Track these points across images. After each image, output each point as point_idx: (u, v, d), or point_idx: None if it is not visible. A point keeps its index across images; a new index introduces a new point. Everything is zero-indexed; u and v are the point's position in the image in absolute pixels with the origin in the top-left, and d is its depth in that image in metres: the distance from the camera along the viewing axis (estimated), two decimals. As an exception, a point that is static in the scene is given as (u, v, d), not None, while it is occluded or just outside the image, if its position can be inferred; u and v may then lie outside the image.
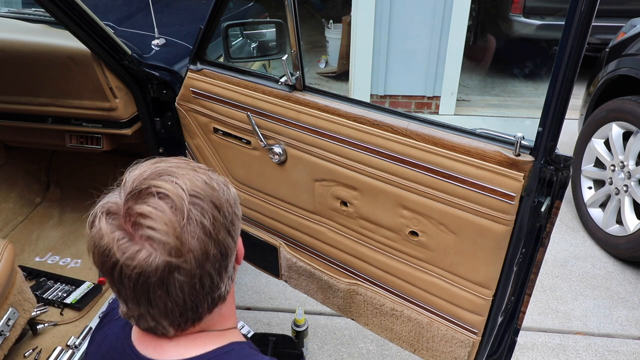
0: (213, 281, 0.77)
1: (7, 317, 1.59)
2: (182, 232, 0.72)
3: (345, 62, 5.06)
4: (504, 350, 1.48)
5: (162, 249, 0.71)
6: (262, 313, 2.47)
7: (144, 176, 0.75)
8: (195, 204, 0.74)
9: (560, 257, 2.87)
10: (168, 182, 0.73)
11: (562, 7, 4.60)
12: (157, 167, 0.77)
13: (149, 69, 1.85)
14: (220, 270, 0.78)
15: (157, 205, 0.71)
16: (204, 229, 0.74)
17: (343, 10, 5.71)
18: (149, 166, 0.78)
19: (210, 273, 0.76)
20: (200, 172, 0.79)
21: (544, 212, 1.18)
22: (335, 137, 1.41)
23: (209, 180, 0.79)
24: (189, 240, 0.72)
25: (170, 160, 0.81)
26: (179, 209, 0.72)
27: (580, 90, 3.19)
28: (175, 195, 0.72)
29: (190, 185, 0.75)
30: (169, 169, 0.77)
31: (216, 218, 0.76)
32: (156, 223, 0.70)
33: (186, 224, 0.72)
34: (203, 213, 0.74)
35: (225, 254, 0.78)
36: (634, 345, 2.33)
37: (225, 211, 0.79)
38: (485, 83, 5.41)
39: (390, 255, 1.50)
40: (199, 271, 0.75)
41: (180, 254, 0.72)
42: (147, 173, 0.76)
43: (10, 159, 2.56)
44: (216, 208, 0.76)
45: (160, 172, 0.76)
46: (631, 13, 4.16)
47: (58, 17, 1.56)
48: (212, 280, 0.77)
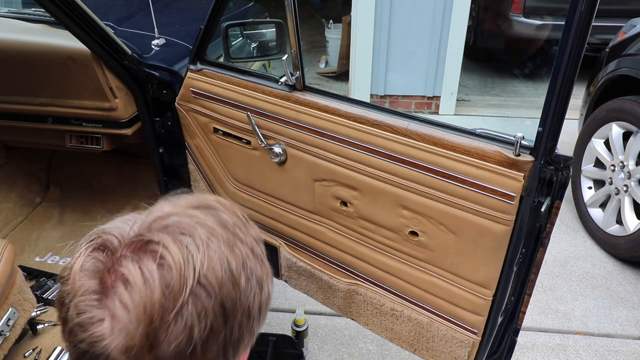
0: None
1: (7, 317, 1.59)
2: (159, 329, 0.50)
3: (345, 62, 5.06)
4: (504, 350, 1.48)
5: (122, 339, 0.50)
6: (262, 313, 2.47)
7: (163, 223, 0.56)
8: (198, 296, 0.52)
9: (560, 257, 2.87)
10: (181, 249, 0.53)
11: (562, 7, 4.59)
12: (188, 213, 0.57)
13: (149, 69, 1.85)
14: None
15: (149, 276, 0.51)
16: (190, 337, 0.51)
17: (343, 10, 5.71)
18: (182, 207, 0.58)
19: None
20: (235, 253, 0.56)
21: (544, 212, 1.18)
22: (335, 137, 1.41)
23: (239, 269, 0.55)
24: (162, 344, 0.50)
25: (215, 209, 0.59)
26: (172, 295, 0.51)
27: (580, 90, 3.19)
28: (178, 272, 0.51)
29: (207, 266, 0.53)
30: (197, 228, 0.55)
31: (215, 329, 0.53)
32: (132, 302, 0.50)
33: (172, 322, 0.50)
34: (201, 315, 0.52)
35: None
36: (634, 345, 2.33)
37: (236, 323, 0.55)
38: (485, 83, 5.41)
39: (390, 255, 1.50)
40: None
41: (139, 357, 0.50)
42: (170, 220, 0.56)
43: (10, 159, 2.56)
44: (223, 315, 0.54)
45: (184, 226, 0.55)
46: (631, 13, 4.16)
47: (58, 17, 1.56)
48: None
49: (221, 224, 0.58)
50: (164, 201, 0.60)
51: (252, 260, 0.58)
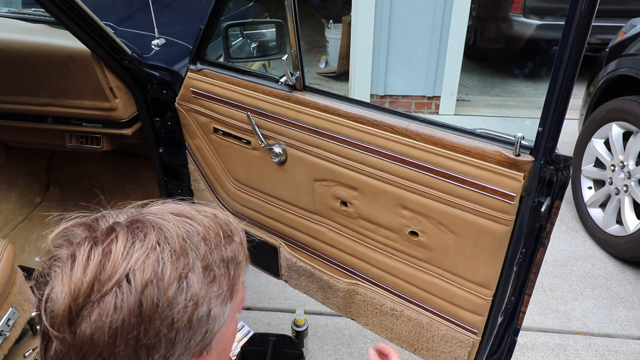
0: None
1: (7, 317, 1.59)
2: (82, 308, 0.54)
3: (345, 62, 5.06)
4: (504, 350, 1.48)
5: (51, 309, 0.54)
6: (262, 313, 2.47)
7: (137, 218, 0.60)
8: (121, 289, 0.54)
9: (560, 257, 2.87)
10: (126, 242, 0.56)
11: (562, 7, 4.59)
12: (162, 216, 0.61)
13: (149, 69, 1.85)
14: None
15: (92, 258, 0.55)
16: (103, 325, 0.53)
17: (343, 10, 5.71)
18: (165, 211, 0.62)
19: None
20: (179, 263, 0.57)
21: (544, 212, 1.17)
22: (335, 137, 1.41)
23: (172, 278, 0.56)
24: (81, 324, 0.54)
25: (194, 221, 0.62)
26: (101, 280, 0.54)
27: (580, 90, 3.19)
28: (114, 262, 0.55)
29: (140, 264, 0.55)
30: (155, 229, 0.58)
31: (125, 326, 0.54)
32: (69, 277, 0.54)
33: (93, 303, 0.54)
34: (117, 307, 0.54)
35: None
36: (634, 345, 2.33)
37: (152, 328, 0.55)
38: (485, 83, 5.41)
39: (390, 255, 1.50)
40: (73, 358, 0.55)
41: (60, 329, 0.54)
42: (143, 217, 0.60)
43: (10, 159, 2.56)
44: (139, 315, 0.54)
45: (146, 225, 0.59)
46: (631, 13, 4.16)
47: (58, 17, 1.56)
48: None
49: (186, 234, 0.59)
50: (162, 201, 0.64)
51: (197, 276, 0.58)
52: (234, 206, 1.88)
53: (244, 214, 1.87)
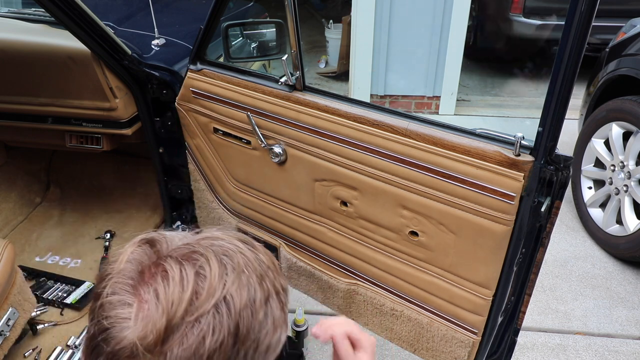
0: None
1: (7, 317, 1.59)
2: (178, 328, 0.53)
3: (345, 62, 5.06)
4: (504, 350, 1.48)
5: (142, 325, 0.52)
6: (262, 313, 2.47)
7: (211, 242, 0.60)
8: (220, 312, 0.54)
9: (560, 257, 2.87)
10: (220, 266, 0.56)
11: (562, 7, 4.59)
12: (233, 242, 0.61)
13: (149, 69, 1.85)
14: None
15: (186, 277, 0.54)
16: (199, 346, 0.53)
17: (343, 10, 5.71)
18: (229, 236, 0.62)
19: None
20: (263, 287, 0.59)
21: (544, 212, 1.18)
22: (335, 137, 1.41)
23: (261, 302, 0.58)
24: (174, 343, 0.52)
25: (257, 249, 0.63)
26: (199, 301, 0.53)
27: (580, 90, 3.19)
28: (211, 285, 0.55)
29: (235, 288, 0.56)
30: (237, 254, 0.59)
31: (223, 347, 0.54)
32: (165, 294, 0.53)
33: (190, 324, 0.53)
34: (215, 329, 0.53)
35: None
36: (634, 345, 2.33)
37: (243, 350, 0.56)
38: (485, 83, 5.41)
39: (390, 255, 1.50)
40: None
41: (152, 348, 0.52)
42: (217, 242, 0.60)
43: (10, 159, 2.56)
44: (235, 337, 0.55)
45: (228, 250, 0.59)
46: (631, 13, 4.16)
47: (58, 17, 1.56)
48: None
49: (257, 260, 0.61)
50: (213, 227, 0.64)
51: (275, 302, 0.61)
52: (234, 206, 1.88)
53: (244, 214, 1.87)
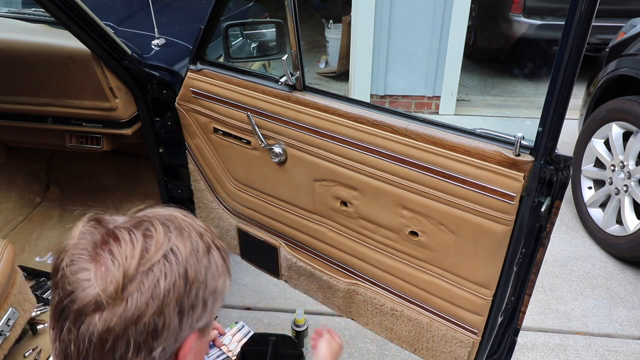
0: (126, 353, 0.64)
1: (7, 317, 1.59)
2: (134, 277, 0.63)
3: (345, 62, 5.06)
4: (504, 350, 1.48)
5: (102, 280, 0.62)
6: (262, 313, 2.47)
7: (160, 213, 0.71)
8: (169, 260, 0.66)
9: (560, 257, 2.87)
10: (163, 227, 0.68)
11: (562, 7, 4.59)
12: (174, 214, 0.72)
13: (149, 69, 1.85)
14: (141, 347, 0.64)
15: (135, 238, 0.65)
16: (156, 289, 0.64)
17: (343, 10, 5.71)
18: (172, 211, 0.73)
19: (129, 341, 0.63)
20: (204, 241, 0.72)
21: (544, 212, 1.17)
22: (335, 137, 1.41)
23: (204, 251, 0.71)
24: (133, 290, 0.63)
25: (195, 219, 0.75)
26: (149, 254, 0.65)
27: (580, 90, 3.19)
28: (157, 241, 0.66)
29: (178, 243, 0.68)
30: (181, 221, 0.71)
31: (176, 288, 0.66)
32: (119, 252, 0.64)
33: (144, 273, 0.64)
34: (167, 273, 0.65)
35: (160, 332, 0.65)
36: (634, 345, 2.33)
37: (194, 290, 0.68)
38: (485, 83, 5.41)
39: (390, 255, 1.50)
40: (118, 329, 0.63)
41: (113, 295, 0.62)
42: (161, 213, 0.71)
43: (10, 159, 2.56)
44: (185, 278, 0.67)
45: (172, 218, 0.71)
46: (631, 13, 4.16)
47: (58, 17, 1.56)
48: (126, 351, 0.64)
49: (196, 224, 0.74)
50: (157, 207, 0.75)
51: (216, 252, 0.73)
52: (234, 206, 1.88)
53: (244, 214, 1.87)
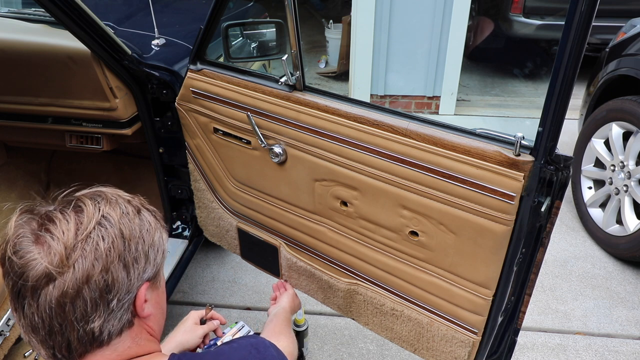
0: (86, 310, 0.73)
1: (7, 317, 1.59)
2: (74, 246, 0.72)
3: (345, 62, 5.06)
4: (504, 350, 1.48)
5: (47, 255, 0.71)
6: (262, 313, 2.47)
7: (86, 192, 0.80)
8: (103, 225, 0.75)
9: (560, 257, 2.87)
10: (92, 201, 0.76)
11: (562, 7, 4.59)
12: (103, 190, 0.81)
13: (149, 69, 1.85)
14: (97, 302, 0.74)
15: (67, 215, 0.74)
16: (97, 251, 0.73)
17: (343, 10, 5.71)
18: (97, 188, 0.82)
19: (85, 300, 0.72)
20: (132, 205, 0.81)
21: (544, 212, 1.17)
22: (335, 137, 1.41)
23: (134, 213, 0.80)
24: (77, 257, 0.71)
25: (121, 191, 0.84)
26: (83, 225, 0.73)
27: (580, 90, 3.19)
28: (89, 213, 0.75)
29: (109, 210, 0.77)
30: (107, 194, 0.80)
31: (116, 247, 0.75)
32: (56, 229, 0.72)
33: (82, 240, 0.72)
34: (104, 237, 0.74)
35: (111, 287, 0.74)
36: (634, 345, 2.33)
37: (133, 245, 0.77)
38: (485, 83, 5.42)
39: (391, 255, 1.50)
40: (72, 292, 0.71)
41: (60, 265, 0.71)
42: (87, 191, 0.80)
43: (10, 159, 2.56)
44: (122, 238, 0.76)
45: (99, 193, 0.79)
46: (631, 13, 4.16)
47: (58, 17, 1.56)
48: (85, 309, 0.73)
49: (123, 194, 0.83)
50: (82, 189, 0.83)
51: (146, 213, 0.83)
52: (234, 206, 1.88)
53: (244, 213, 1.87)
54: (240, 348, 0.92)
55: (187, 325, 1.34)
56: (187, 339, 1.30)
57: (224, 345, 0.95)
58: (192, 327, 1.33)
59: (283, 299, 1.63)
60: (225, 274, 2.71)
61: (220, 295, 2.58)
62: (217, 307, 2.51)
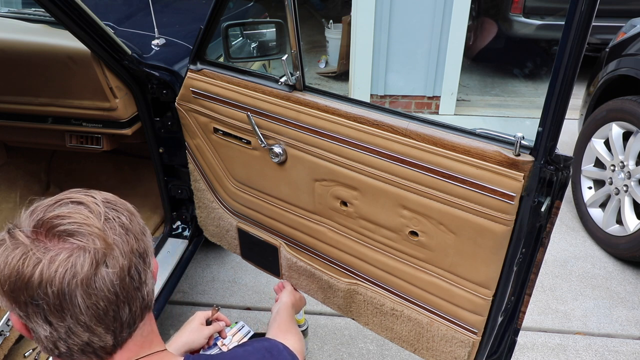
0: (140, 275, 0.78)
1: (7, 317, 1.59)
2: (103, 227, 0.73)
3: (345, 62, 5.06)
4: (504, 350, 1.48)
5: (86, 243, 0.71)
6: (262, 313, 2.47)
7: (57, 198, 0.77)
8: (110, 207, 0.77)
9: (560, 257, 2.87)
10: (81, 194, 0.77)
11: (562, 7, 4.60)
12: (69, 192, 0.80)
13: (149, 69, 1.85)
14: (145, 267, 0.79)
15: (73, 208, 0.74)
16: (123, 225, 0.76)
17: (343, 10, 5.71)
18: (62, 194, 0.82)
19: (137, 266, 0.77)
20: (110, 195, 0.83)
21: (544, 212, 1.18)
22: (335, 137, 1.41)
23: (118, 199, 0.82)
24: (111, 234, 0.74)
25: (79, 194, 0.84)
26: (95, 211, 0.75)
27: (580, 90, 3.19)
28: (89, 201, 0.75)
29: (102, 196, 0.79)
30: (81, 191, 0.80)
31: (132, 219, 0.79)
32: (76, 220, 0.72)
33: (105, 222, 0.74)
34: (119, 214, 0.77)
35: (145, 253, 0.79)
36: (634, 345, 2.33)
37: (137, 221, 0.81)
38: (485, 83, 5.42)
39: (390, 255, 1.50)
40: (126, 262, 0.75)
41: (106, 244, 0.72)
42: (60, 196, 0.78)
43: (10, 159, 2.56)
44: (130, 213, 0.80)
45: (72, 191, 0.79)
46: (631, 13, 4.16)
47: (58, 17, 1.56)
48: (140, 274, 0.77)
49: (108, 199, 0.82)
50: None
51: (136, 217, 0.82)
52: (234, 206, 1.88)
53: (244, 214, 1.87)
54: (255, 352, 0.93)
55: (193, 325, 1.35)
56: (193, 339, 1.31)
57: (238, 348, 0.95)
58: (198, 328, 1.34)
59: (283, 295, 1.64)
60: (225, 274, 2.71)
61: (220, 295, 2.58)
62: (217, 307, 2.51)
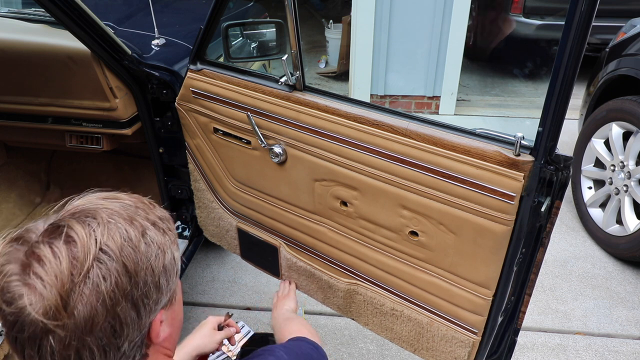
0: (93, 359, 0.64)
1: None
2: (71, 291, 0.61)
3: (345, 62, 5.06)
4: (504, 350, 1.48)
5: (40, 304, 0.60)
6: (262, 313, 2.47)
7: (72, 211, 0.67)
8: (102, 261, 0.63)
9: (560, 257, 2.87)
10: (84, 227, 0.64)
11: (562, 7, 4.59)
12: (94, 204, 0.69)
13: (149, 69, 1.85)
14: (106, 350, 0.65)
15: (58, 251, 0.62)
16: (99, 294, 0.62)
17: (343, 10, 5.72)
18: (92, 200, 0.70)
19: (92, 349, 0.64)
20: (135, 225, 0.68)
21: (544, 212, 1.18)
22: (335, 137, 1.41)
23: (138, 237, 0.67)
24: (76, 303, 0.61)
25: (121, 198, 0.72)
26: (79, 263, 0.62)
27: (580, 90, 3.19)
28: (83, 245, 0.63)
29: (106, 239, 0.64)
30: (100, 211, 0.67)
31: (120, 285, 0.64)
32: (46, 273, 0.61)
33: (80, 283, 0.61)
34: (105, 275, 0.63)
35: (120, 330, 0.65)
36: (634, 345, 2.33)
37: (140, 280, 0.66)
38: (485, 83, 5.42)
39: (390, 255, 1.50)
40: (75, 343, 0.62)
41: (57, 316, 0.61)
42: (79, 208, 0.68)
43: (10, 159, 2.56)
44: (127, 273, 0.65)
45: (90, 211, 0.67)
46: (631, 13, 4.16)
47: (58, 17, 1.56)
48: (93, 358, 0.64)
49: (123, 207, 0.70)
50: (76, 198, 0.71)
51: (152, 231, 0.70)
52: (234, 206, 1.88)
53: (244, 214, 1.87)
54: None
55: (205, 330, 1.35)
56: (205, 343, 1.31)
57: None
58: (210, 332, 1.34)
59: (290, 302, 1.64)
60: (225, 274, 2.71)
61: (220, 295, 2.58)
62: (217, 307, 2.51)
